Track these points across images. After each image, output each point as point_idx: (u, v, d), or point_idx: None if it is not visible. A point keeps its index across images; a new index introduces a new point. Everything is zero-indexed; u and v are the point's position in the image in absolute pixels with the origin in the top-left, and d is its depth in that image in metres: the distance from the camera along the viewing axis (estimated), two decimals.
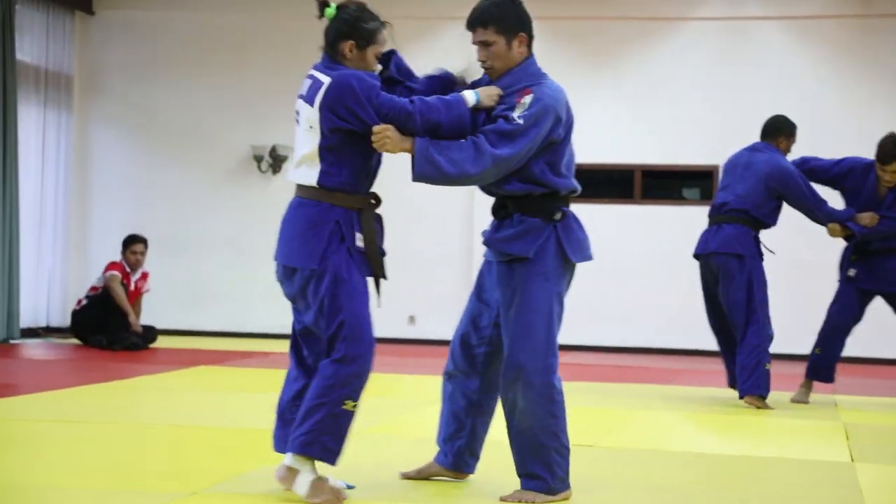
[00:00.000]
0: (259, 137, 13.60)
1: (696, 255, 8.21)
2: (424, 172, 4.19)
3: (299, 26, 13.45)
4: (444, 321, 13.01)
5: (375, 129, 4.12)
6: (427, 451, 4.89)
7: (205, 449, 5.46)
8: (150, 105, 13.89)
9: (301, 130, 4.37)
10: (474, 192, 12.92)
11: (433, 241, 13.24)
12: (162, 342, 11.79)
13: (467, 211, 13.11)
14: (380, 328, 14.57)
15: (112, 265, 11.48)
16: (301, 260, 4.22)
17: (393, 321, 13.17)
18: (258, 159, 13.63)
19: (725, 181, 8.20)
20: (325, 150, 4.24)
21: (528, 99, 4.20)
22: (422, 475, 4.73)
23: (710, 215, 8.21)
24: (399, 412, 7.13)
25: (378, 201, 4.43)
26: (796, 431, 6.87)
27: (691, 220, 12.45)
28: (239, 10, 13.78)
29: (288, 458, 4.18)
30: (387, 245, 4.53)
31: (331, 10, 4.25)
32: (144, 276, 11.67)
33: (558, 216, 4.38)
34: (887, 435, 6.77)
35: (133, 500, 4.22)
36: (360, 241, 4.32)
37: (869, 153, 12.33)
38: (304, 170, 4.33)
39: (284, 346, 12.24)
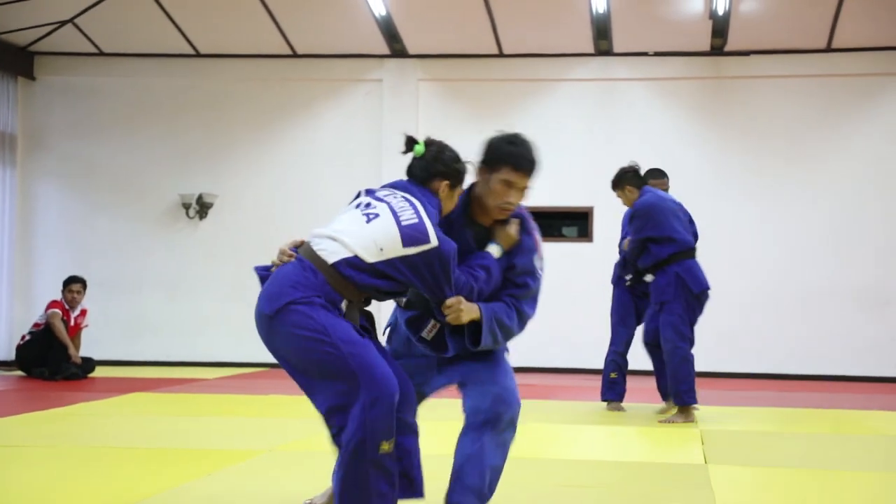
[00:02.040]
0: (186, 187, 13.54)
1: (704, 290, 7.97)
2: (487, 343, 3.61)
3: (223, 89, 13.52)
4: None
5: (449, 302, 3.51)
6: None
7: (138, 468, 5.43)
8: (87, 160, 13.78)
9: (360, 220, 3.56)
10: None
11: None
12: (101, 372, 11.67)
13: None
14: None
15: (53, 303, 11.40)
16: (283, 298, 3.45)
17: None
18: (186, 206, 13.56)
19: (677, 224, 8.08)
20: (372, 266, 3.45)
21: (539, 247, 3.78)
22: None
23: (690, 250, 8.09)
24: (321, 428, 7.11)
25: (368, 303, 3.63)
26: (658, 438, 6.99)
27: (570, 254, 12.71)
28: (167, 74, 13.74)
29: None
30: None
31: (420, 148, 3.75)
32: (83, 312, 11.57)
33: None
34: (736, 439, 6.94)
35: None
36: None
37: (723, 197, 12.74)
38: (332, 245, 3.53)
39: (212, 374, 12.07)
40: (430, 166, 3.68)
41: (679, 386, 7.77)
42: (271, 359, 3.68)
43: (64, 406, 8.41)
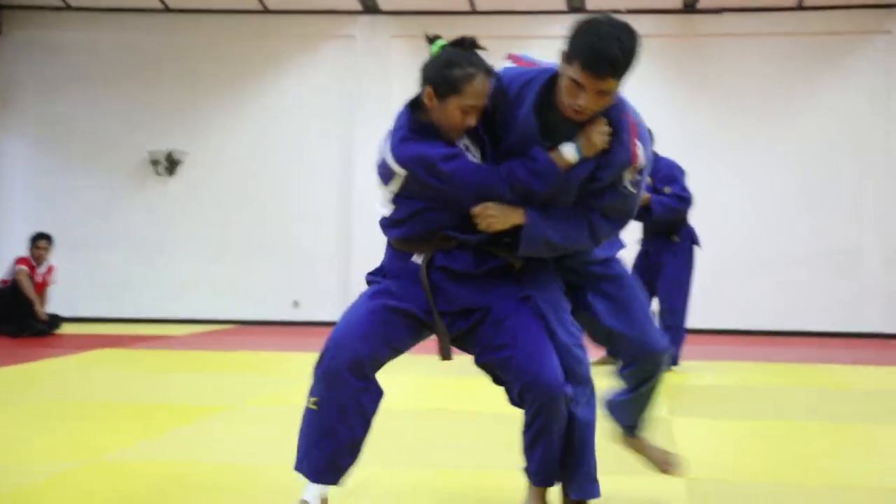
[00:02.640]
0: (156, 144, 13.43)
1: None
2: (534, 249, 3.09)
3: (193, 42, 13.38)
4: (325, 305, 13.10)
5: (475, 210, 3.03)
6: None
7: (106, 423, 5.41)
8: (56, 116, 13.63)
9: None
10: (351, 193, 13.06)
11: (314, 231, 13.21)
12: (68, 329, 11.61)
13: (346, 209, 13.13)
14: (267, 313, 14.55)
15: (20, 260, 11.35)
16: None
17: (279, 306, 13.15)
18: (155, 163, 13.46)
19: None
20: (391, 218, 3.26)
21: (641, 157, 3.09)
22: None
23: None
24: (288, 384, 7.12)
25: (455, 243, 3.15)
26: None
27: None
28: (136, 29, 13.58)
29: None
30: (274, 240, 4.10)
31: (435, 47, 3.15)
32: (50, 269, 11.51)
33: None
34: (701, 393, 7.00)
35: (36, 469, 4.18)
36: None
37: (694, 156, 12.75)
38: None
39: (178, 330, 12.01)
40: (422, 72, 3.13)
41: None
42: (244, 315, 3.66)
43: (30, 362, 8.36)
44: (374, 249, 14.73)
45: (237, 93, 13.45)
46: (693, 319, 12.48)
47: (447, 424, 5.52)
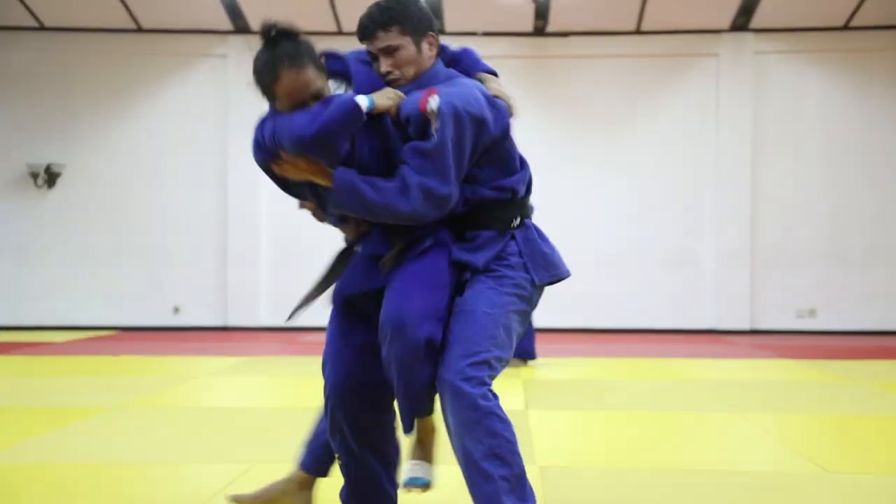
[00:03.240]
0: (35, 157, 13.05)
1: None
2: (346, 202, 2.88)
3: (69, 59, 13.04)
4: (204, 310, 12.94)
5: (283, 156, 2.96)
6: (189, 418, 4.86)
7: None
8: None
9: None
10: (226, 204, 12.93)
11: (191, 240, 13.03)
12: None
13: (222, 218, 12.99)
14: (148, 319, 14.18)
15: None
16: None
17: (159, 312, 12.92)
18: (34, 176, 13.07)
19: None
20: None
21: (434, 103, 2.88)
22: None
23: None
24: (168, 386, 7.03)
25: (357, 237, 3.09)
26: None
27: None
28: (12, 46, 13.16)
29: None
30: (154, 248, 3.98)
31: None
32: None
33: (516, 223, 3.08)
34: (552, 386, 7.17)
35: None
36: None
37: (547, 165, 13.00)
38: None
39: (58, 337, 11.67)
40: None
41: None
42: (125, 321, 3.61)
43: None
44: (248, 255, 14.55)
45: (114, 108, 13.17)
46: (548, 319, 12.78)
47: None
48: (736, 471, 4.17)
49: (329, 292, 3.09)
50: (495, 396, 2.80)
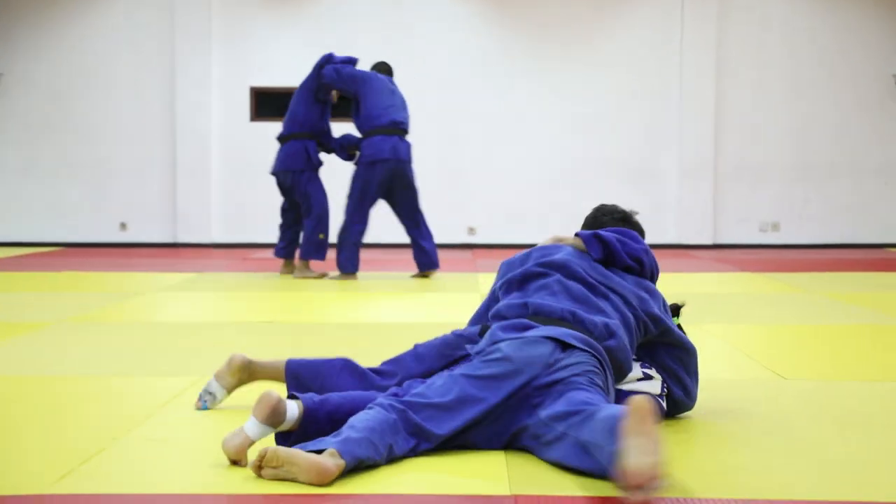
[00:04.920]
0: None
1: (385, 160, 8.42)
2: None
3: None
4: (152, 227, 12.84)
5: None
6: (137, 333, 4.83)
7: None
8: None
9: None
10: (175, 116, 12.74)
11: (139, 153, 12.86)
12: None
13: (169, 124, 12.80)
14: (93, 234, 14.09)
15: None
16: None
17: (105, 228, 12.81)
18: None
19: (391, 101, 8.55)
20: None
21: None
22: None
23: (392, 128, 8.49)
24: (115, 302, 6.99)
25: None
26: (436, 301, 7.23)
27: None
28: None
29: None
30: (99, 162, 3.98)
31: None
32: None
33: None
34: None
35: None
36: None
37: (511, 78, 12.94)
38: None
39: (1, 253, 11.24)
40: None
41: (339, 254, 8.56)
42: (65, 238, 3.58)
43: None
44: (199, 169, 14.38)
45: (55, 14, 12.86)
46: (502, 234, 12.81)
47: (249, 336, 5.56)
48: None
49: None
50: None
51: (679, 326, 3.65)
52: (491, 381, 3.04)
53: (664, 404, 3.44)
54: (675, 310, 3.73)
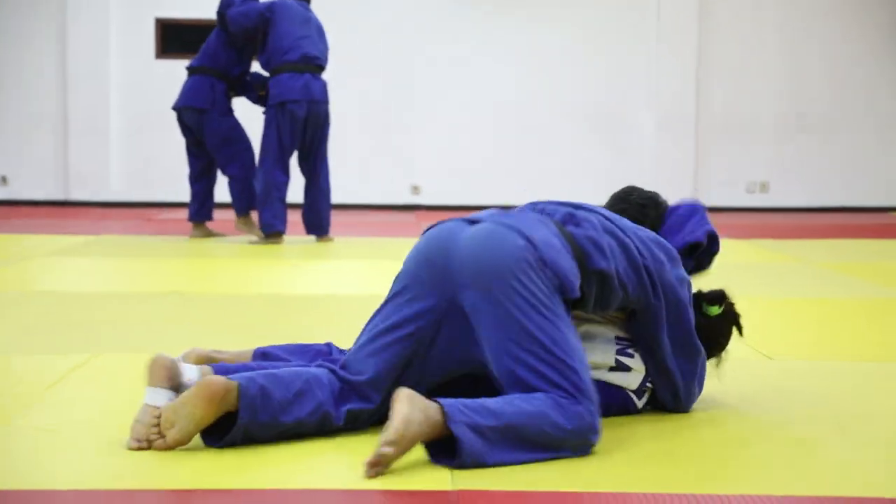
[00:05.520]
0: None
1: (296, 101, 8.35)
2: None
3: None
4: (39, 182, 12.66)
5: None
6: (22, 305, 4.77)
7: None
8: None
9: None
10: (67, 51, 12.54)
11: (24, 98, 12.67)
12: None
13: (60, 71, 12.63)
14: None
15: None
16: None
17: None
18: None
19: (304, 32, 8.45)
20: None
21: None
22: None
23: (304, 63, 8.39)
24: None
25: None
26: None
27: None
28: None
29: None
30: None
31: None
32: None
33: None
34: None
35: None
36: None
37: (467, 27, 12.91)
38: None
39: None
40: None
41: (262, 213, 8.51)
42: None
43: None
44: (97, 121, 14.24)
45: None
46: (473, 195, 12.82)
47: (169, 308, 5.53)
48: None
49: None
50: None
51: (708, 317, 3.43)
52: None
53: (638, 402, 3.30)
54: (717, 298, 3.47)
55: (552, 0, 12.97)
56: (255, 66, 8.76)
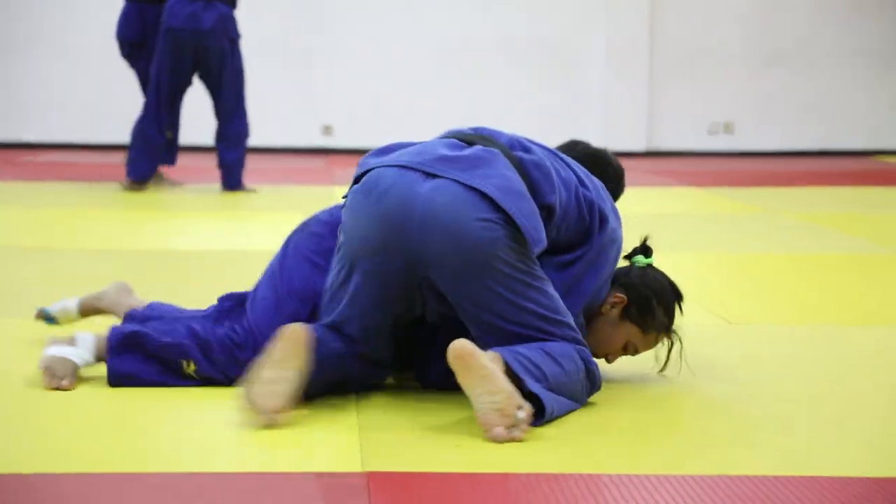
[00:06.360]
0: None
1: (179, 30, 8.22)
2: None
3: None
4: None
5: None
6: None
7: None
8: None
9: None
10: None
11: None
12: None
13: None
14: None
15: None
16: None
17: None
18: None
19: None
20: None
21: None
22: None
23: None
24: None
25: None
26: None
27: None
28: None
29: None
30: None
31: None
32: None
33: None
34: None
35: None
36: None
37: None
38: None
39: None
40: None
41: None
42: None
43: None
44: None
45: None
46: (385, 135, 12.74)
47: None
48: None
49: None
50: None
51: (640, 268, 3.62)
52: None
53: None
54: (648, 248, 3.68)
55: None
56: None
